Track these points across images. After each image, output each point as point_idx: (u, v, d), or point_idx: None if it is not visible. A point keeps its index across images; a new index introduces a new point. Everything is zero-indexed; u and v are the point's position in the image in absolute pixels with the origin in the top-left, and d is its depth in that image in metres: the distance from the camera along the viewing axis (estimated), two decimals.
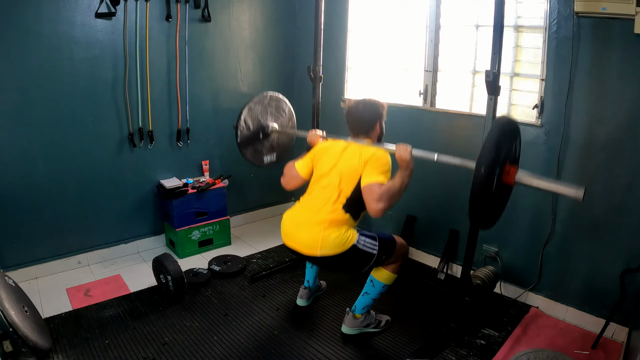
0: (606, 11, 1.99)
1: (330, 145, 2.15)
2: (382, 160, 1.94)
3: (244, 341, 2.15)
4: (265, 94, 2.63)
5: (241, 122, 2.52)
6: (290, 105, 2.76)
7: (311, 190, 2.10)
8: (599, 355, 2.09)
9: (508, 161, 1.68)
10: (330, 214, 1.96)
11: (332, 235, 1.93)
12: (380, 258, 2.03)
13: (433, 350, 2.09)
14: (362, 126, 2.08)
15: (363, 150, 1.98)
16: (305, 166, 2.18)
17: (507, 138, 1.67)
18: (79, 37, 2.57)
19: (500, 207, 1.82)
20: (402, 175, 1.91)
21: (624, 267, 2.10)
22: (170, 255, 2.51)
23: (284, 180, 2.26)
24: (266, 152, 2.70)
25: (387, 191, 1.85)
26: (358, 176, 1.94)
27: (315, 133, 2.32)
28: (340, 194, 1.97)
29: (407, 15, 2.97)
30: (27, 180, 2.56)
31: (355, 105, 2.10)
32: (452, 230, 2.82)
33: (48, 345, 1.95)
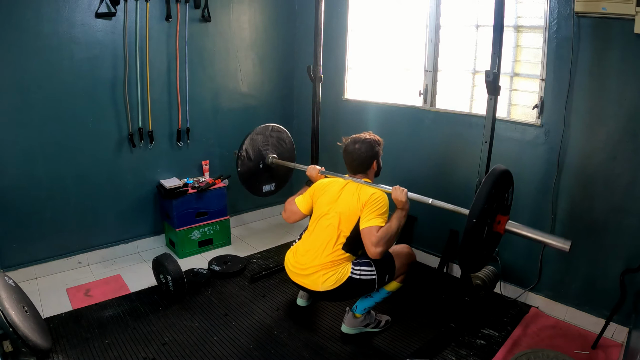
0: (606, 11, 1.99)
1: (329, 183, 2.20)
2: (379, 203, 2.00)
3: (244, 341, 2.15)
4: (267, 125, 2.72)
5: (243, 152, 2.60)
6: (291, 137, 2.87)
7: (312, 229, 2.16)
8: (599, 355, 2.09)
9: (499, 212, 1.77)
10: (330, 255, 2.03)
11: (331, 277, 2.02)
12: (382, 280, 2.08)
13: (433, 350, 2.09)
14: (359, 165, 2.14)
15: (361, 191, 2.04)
16: (305, 203, 2.25)
17: (500, 189, 1.73)
18: (79, 37, 2.57)
19: (489, 252, 1.92)
20: (398, 216, 2.01)
21: (624, 267, 2.10)
22: (170, 255, 2.50)
23: (285, 215, 2.34)
24: (265, 182, 2.80)
25: (384, 235, 1.93)
26: (357, 217, 2.01)
27: (314, 167, 2.39)
28: (340, 235, 2.04)
29: (407, 15, 2.97)
30: (27, 180, 2.55)
31: (351, 144, 2.14)
32: (452, 230, 2.82)
33: (48, 345, 1.95)
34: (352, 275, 2.02)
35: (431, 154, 2.88)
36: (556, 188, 2.33)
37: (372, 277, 2.04)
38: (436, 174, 2.88)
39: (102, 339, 2.12)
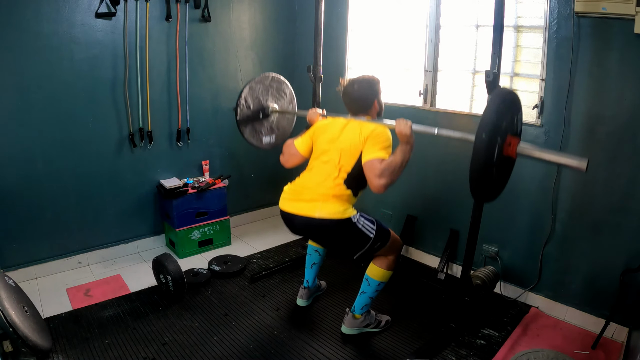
0: (606, 11, 1.99)
1: (330, 122, 2.13)
2: (382, 136, 1.92)
3: (244, 341, 2.15)
4: (267, 74, 2.61)
5: (242, 101, 2.49)
6: (291, 88, 2.73)
7: (311, 166, 2.09)
8: (599, 355, 2.09)
9: (509, 133, 1.63)
10: (331, 189, 1.95)
11: (332, 205, 1.93)
12: (374, 244, 2.02)
13: (433, 350, 2.09)
14: (359, 106, 2.07)
15: (363, 126, 1.97)
16: (304, 144, 2.17)
17: (508, 109, 1.64)
18: (79, 37, 2.57)
19: (501, 180, 1.77)
20: (402, 150, 1.88)
21: (624, 267, 2.10)
22: (170, 255, 2.50)
23: (283, 158, 2.24)
24: (265, 133, 2.67)
25: (388, 166, 1.84)
26: (358, 152, 1.93)
27: (315, 111, 2.30)
28: (341, 170, 1.97)
29: (407, 15, 2.97)
30: (27, 180, 2.56)
31: (350, 86, 2.07)
32: (452, 230, 2.82)
33: (48, 345, 1.95)
34: (354, 220, 1.95)
35: (431, 154, 2.88)
36: (556, 188, 2.33)
37: (370, 234, 1.98)
38: (436, 174, 2.88)
39: (102, 339, 2.12)
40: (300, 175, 2.11)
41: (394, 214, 3.15)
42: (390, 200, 3.14)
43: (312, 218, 1.95)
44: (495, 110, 1.56)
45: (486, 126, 1.54)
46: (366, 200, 2.63)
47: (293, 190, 2.07)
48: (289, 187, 2.10)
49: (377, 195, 2.08)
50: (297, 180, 2.10)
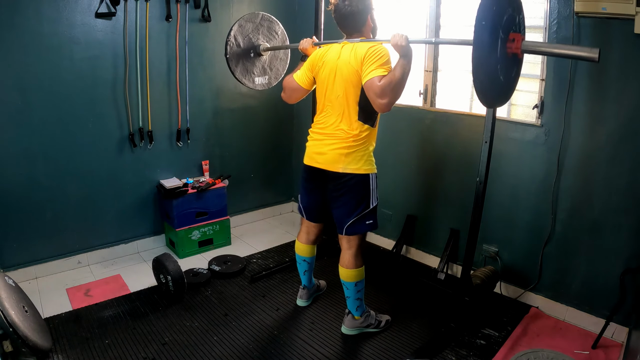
0: (606, 11, 1.99)
1: (325, 51, 2.05)
2: (378, 53, 1.85)
3: (244, 341, 2.15)
4: (257, 12, 2.56)
5: (231, 39, 2.43)
6: (283, 29, 2.67)
7: (322, 107, 2.06)
8: (599, 355, 2.09)
9: (512, 29, 1.53)
10: (349, 130, 1.96)
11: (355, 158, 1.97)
12: (368, 217, 2.04)
13: (433, 350, 2.09)
14: (352, 23, 1.98)
15: (357, 48, 1.90)
16: (304, 76, 2.12)
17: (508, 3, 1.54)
18: (79, 37, 2.57)
19: (509, 82, 1.67)
20: (401, 63, 1.81)
21: (624, 267, 2.10)
22: (170, 255, 2.50)
23: (285, 95, 2.21)
24: (258, 74, 2.61)
25: (388, 83, 1.78)
26: (358, 77, 1.88)
27: (307, 40, 2.23)
28: (350, 104, 1.94)
29: (407, 16, 2.97)
30: (27, 180, 2.56)
31: (341, 2, 1.96)
32: (452, 230, 2.82)
33: (48, 345, 1.95)
34: (372, 181, 2.00)
35: (431, 154, 2.88)
36: (556, 188, 2.33)
37: (373, 204, 2.04)
38: (436, 174, 2.88)
39: (102, 339, 2.12)
40: (314, 120, 2.11)
41: (394, 214, 3.15)
42: (390, 200, 3.14)
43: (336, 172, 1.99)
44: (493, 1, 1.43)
45: (486, 14, 1.43)
46: None
47: (316, 142, 2.06)
48: (312, 142, 2.10)
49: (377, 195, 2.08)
50: (314, 129, 2.10)
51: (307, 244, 2.32)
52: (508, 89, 1.70)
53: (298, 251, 2.36)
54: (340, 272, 2.13)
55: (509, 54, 1.54)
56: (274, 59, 2.65)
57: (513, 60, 1.62)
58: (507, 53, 1.53)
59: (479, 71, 1.49)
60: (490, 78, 1.53)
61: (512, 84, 1.72)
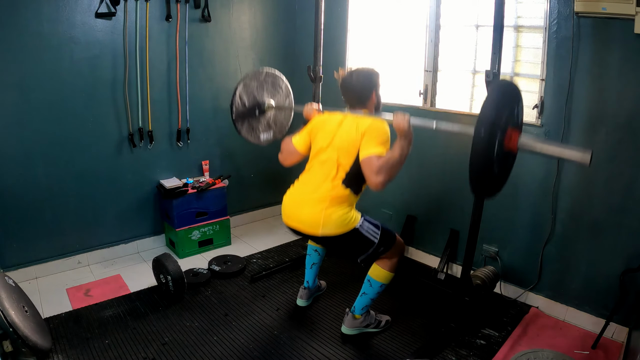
0: (606, 11, 1.99)
1: (327, 118, 2.09)
2: (379, 131, 1.87)
3: (244, 341, 2.15)
4: (261, 69, 2.58)
5: (236, 98, 2.47)
6: (287, 82, 2.70)
7: (310, 166, 2.06)
8: (599, 355, 2.09)
9: (510, 125, 1.58)
10: (330, 190, 1.92)
11: (335, 215, 1.90)
12: (379, 249, 2.00)
13: (433, 350, 2.09)
14: (357, 97, 2.02)
15: (360, 121, 1.92)
16: (302, 141, 2.13)
17: (508, 101, 1.60)
18: (79, 37, 2.57)
19: (503, 176, 1.73)
20: (401, 144, 1.82)
21: (624, 267, 2.10)
22: (170, 255, 2.50)
23: (282, 157, 2.21)
24: (263, 130, 2.64)
25: (386, 163, 1.79)
26: (356, 149, 1.89)
27: (311, 106, 2.26)
28: (339, 169, 1.93)
29: (407, 15, 2.97)
30: (27, 180, 2.56)
31: (349, 77, 2.03)
32: (452, 230, 2.82)
33: (48, 345, 1.95)
34: (359, 228, 1.94)
35: (431, 154, 2.88)
36: (556, 188, 2.33)
37: (374, 239, 1.97)
38: (436, 174, 2.88)
39: (102, 339, 2.12)
40: (299, 177, 2.09)
41: (394, 214, 3.15)
42: (390, 200, 3.13)
43: (317, 236, 1.95)
44: (494, 104, 1.52)
45: (485, 121, 1.50)
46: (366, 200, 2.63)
47: (292, 201, 2.03)
48: (288, 198, 2.06)
49: (377, 195, 2.09)
50: (295, 185, 2.07)
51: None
52: (501, 181, 1.75)
53: (310, 241, 2.36)
54: (372, 269, 2.12)
55: (505, 149, 1.60)
56: (279, 114, 2.69)
57: (508, 155, 1.66)
58: (503, 149, 1.58)
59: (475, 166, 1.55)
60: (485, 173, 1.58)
61: (505, 176, 1.76)
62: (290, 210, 2.03)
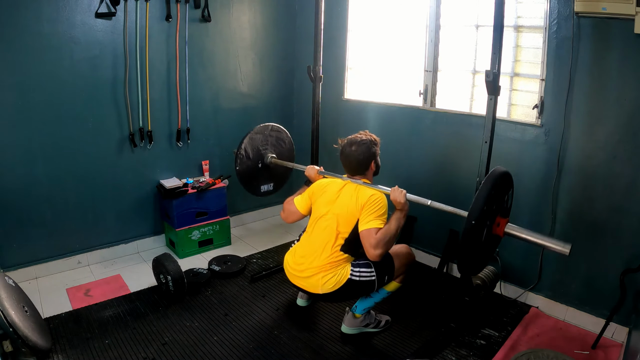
0: (606, 11, 1.99)
1: (327, 184, 2.18)
2: (378, 205, 1.98)
3: (244, 341, 2.15)
4: (267, 124, 2.72)
5: (241, 151, 2.60)
6: (290, 137, 2.85)
7: (311, 230, 2.15)
8: (599, 355, 2.09)
9: (499, 214, 1.75)
10: (329, 257, 2.03)
11: (331, 280, 2.02)
12: (382, 280, 2.08)
13: (433, 350, 2.09)
14: (356, 167, 2.13)
15: (360, 193, 2.03)
16: (303, 203, 2.23)
17: (500, 191, 1.72)
18: (79, 37, 2.57)
19: (488, 254, 1.90)
20: (397, 217, 2.00)
21: (624, 267, 2.10)
22: (170, 255, 2.51)
23: (284, 215, 2.33)
24: (264, 182, 2.80)
25: (384, 237, 1.91)
26: (355, 219, 2.00)
27: (312, 168, 2.39)
28: (338, 236, 2.03)
29: (407, 15, 2.97)
30: (27, 180, 2.55)
31: (348, 146, 2.12)
32: (452, 230, 2.82)
33: (48, 345, 1.95)
34: (352, 277, 2.02)
35: (431, 154, 2.88)
36: (556, 188, 2.33)
37: (372, 278, 2.04)
38: (436, 174, 2.88)
39: (102, 339, 2.12)
40: (300, 240, 2.22)
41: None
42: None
43: (317, 294, 2.07)
44: (486, 197, 1.65)
45: (476, 213, 1.64)
46: None
47: (295, 263, 2.14)
48: (291, 258, 2.18)
49: None
50: (297, 248, 2.18)
51: None
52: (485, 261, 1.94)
53: None
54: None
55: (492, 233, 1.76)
56: (279, 167, 2.80)
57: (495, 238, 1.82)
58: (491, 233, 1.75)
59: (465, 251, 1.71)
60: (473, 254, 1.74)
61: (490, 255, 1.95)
62: (293, 274, 2.15)
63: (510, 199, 1.86)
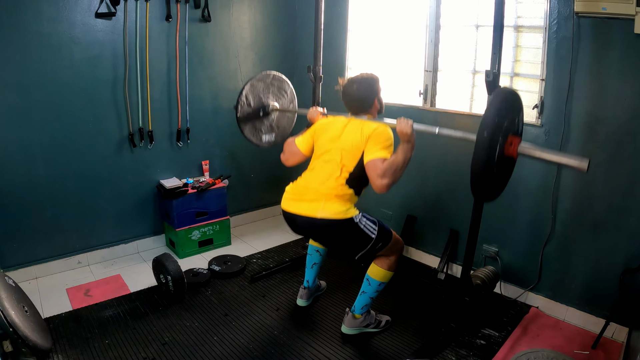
0: (606, 11, 1.99)
1: (331, 121, 2.13)
2: (384, 136, 1.92)
3: (244, 341, 2.15)
4: (269, 72, 2.62)
5: (242, 98, 2.50)
6: (292, 88, 2.74)
7: (313, 166, 2.08)
8: (599, 355, 2.09)
9: (511, 132, 1.63)
10: (333, 189, 1.95)
11: (335, 205, 1.93)
12: (376, 245, 2.02)
13: (433, 350, 2.09)
14: (360, 105, 2.07)
15: (364, 126, 1.97)
16: (305, 142, 2.16)
17: (510, 108, 1.64)
18: (79, 37, 2.57)
19: (502, 180, 1.77)
20: (404, 149, 1.87)
21: (624, 267, 2.10)
22: (170, 255, 2.51)
23: (284, 157, 2.24)
24: (265, 132, 2.68)
25: (390, 166, 1.84)
26: (360, 152, 1.93)
27: (316, 110, 2.29)
28: (343, 170, 1.96)
29: (407, 15, 2.97)
30: (27, 180, 2.55)
31: (349, 85, 2.07)
32: (452, 230, 2.82)
33: (48, 345, 1.95)
34: (356, 220, 1.95)
35: (431, 154, 2.88)
36: (556, 188, 2.33)
37: (372, 234, 1.98)
38: (436, 174, 2.88)
39: (102, 339, 2.12)
40: (302, 175, 2.11)
41: (394, 214, 3.15)
42: (390, 200, 3.14)
43: (315, 218, 1.94)
44: (497, 110, 1.56)
45: (488, 125, 1.55)
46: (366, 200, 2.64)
47: (295, 190, 2.06)
48: (290, 187, 2.10)
49: (377, 195, 2.09)
50: (298, 180, 2.10)
51: None
52: (501, 186, 1.80)
53: (312, 241, 2.37)
54: (370, 268, 2.13)
55: (505, 155, 1.64)
56: (282, 117, 2.73)
57: (508, 161, 1.71)
58: (504, 154, 1.63)
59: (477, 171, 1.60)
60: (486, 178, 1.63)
61: (505, 182, 1.82)
62: (292, 196, 2.05)
63: (521, 123, 1.75)
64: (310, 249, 2.43)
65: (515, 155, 1.67)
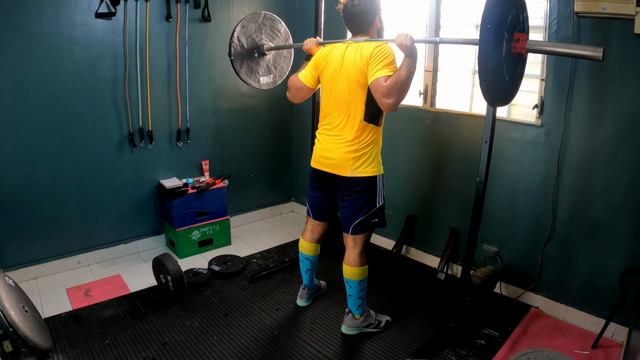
0: (606, 11, 1.99)
1: (330, 50, 2.07)
2: (384, 53, 1.86)
3: (244, 341, 2.15)
4: (259, 12, 2.57)
5: (234, 40, 2.45)
6: (285, 26, 2.68)
7: (328, 108, 2.07)
8: (599, 355, 2.09)
9: (516, 29, 1.55)
10: (355, 132, 1.97)
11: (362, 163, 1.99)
12: (375, 216, 2.07)
13: (433, 350, 2.09)
14: (360, 23, 2.00)
15: (363, 48, 1.92)
16: (309, 75, 2.15)
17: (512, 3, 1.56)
18: (79, 37, 2.57)
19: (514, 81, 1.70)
20: (407, 62, 1.82)
21: (624, 267, 2.10)
22: (170, 255, 2.50)
23: (290, 94, 2.23)
24: (263, 74, 2.63)
25: (394, 83, 1.79)
26: (365, 77, 1.90)
27: (311, 40, 2.23)
28: (357, 103, 1.96)
29: (407, 15, 2.97)
30: (27, 180, 2.56)
31: (350, 2, 1.99)
32: (452, 230, 2.82)
33: (48, 345, 1.95)
34: (378, 182, 2.02)
35: (431, 154, 2.88)
36: (556, 188, 2.33)
37: (379, 202, 2.06)
38: (436, 174, 2.88)
39: (102, 339, 2.12)
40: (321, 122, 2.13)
41: (394, 214, 3.15)
42: (390, 200, 3.12)
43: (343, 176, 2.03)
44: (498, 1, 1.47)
45: (491, 19, 1.45)
46: None
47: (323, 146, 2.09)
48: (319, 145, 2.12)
49: None
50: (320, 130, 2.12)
51: (311, 243, 2.33)
52: (513, 88, 1.73)
53: (302, 249, 2.37)
54: (344, 270, 2.14)
55: (513, 53, 1.58)
56: (278, 58, 2.66)
57: (517, 60, 1.64)
58: (511, 53, 1.56)
59: (485, 71, 1.52)
60: (495, 78, 1.56)
61: (516, 83, 1.74)
62: (321, 154, 2.10)
63: (526, 21, 1.67)
64: (301, 256, 2.40)
65: (524, 53, 1.58)
